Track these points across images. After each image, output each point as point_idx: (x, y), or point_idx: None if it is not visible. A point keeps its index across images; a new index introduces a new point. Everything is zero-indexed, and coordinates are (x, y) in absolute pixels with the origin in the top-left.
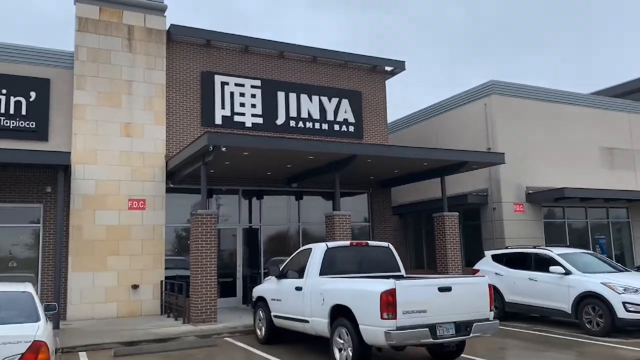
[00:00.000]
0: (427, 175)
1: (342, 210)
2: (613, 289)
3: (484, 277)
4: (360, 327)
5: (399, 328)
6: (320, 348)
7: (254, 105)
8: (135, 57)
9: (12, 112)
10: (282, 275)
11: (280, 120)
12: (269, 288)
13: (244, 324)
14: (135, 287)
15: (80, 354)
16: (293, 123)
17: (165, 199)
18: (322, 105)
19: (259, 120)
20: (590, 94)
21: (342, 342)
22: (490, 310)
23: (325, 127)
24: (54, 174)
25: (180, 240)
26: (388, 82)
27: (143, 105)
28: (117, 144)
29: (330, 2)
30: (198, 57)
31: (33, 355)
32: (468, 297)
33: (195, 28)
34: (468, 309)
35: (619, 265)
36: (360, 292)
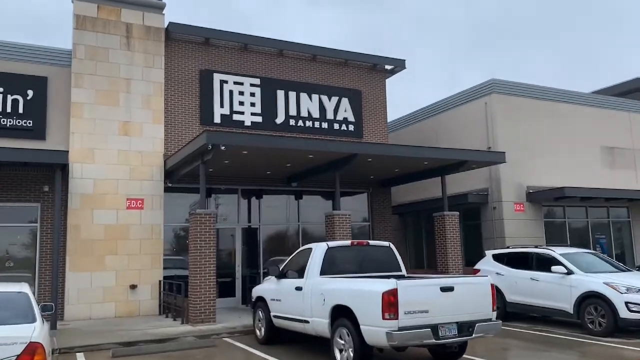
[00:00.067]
0: (427, 175)
1: (342, 210)
2: (615, 289)
3: (487, 276)
4: (362, 327)
5: (401, 328)
6: (321, 348)
7: (253, 104)
8: (134, 55)
9: (9, 110)
10: (281, 275)
11: (280, 119)
12: (269, 288)
13: (243, 324)
14: (134, 287)
15: (78, 355)
16: (293, 122)
17: (164, 199)
18: (321, 104)
19: (258, 119)
20: (591, 93)
21: (342, 342)
22: (493, 310)
23: (325, 126)
24: (52, 173)
25: (179, 240)
26: (388, 80)
27: (141, 104)
28: (115, 143)
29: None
30: (197, 55)
31: (29, 357)
32: (470, 297)
33: (194, 26)
34: (470, 309)
35: (621, 265)
36: (362, 292)
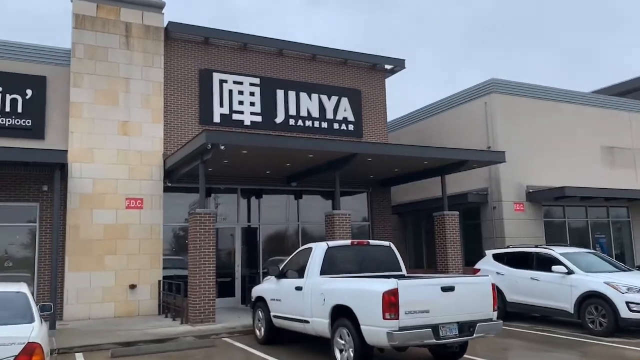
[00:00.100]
0: (427, 174)
1: (342, 210)
2: (616, 289)
3: (488, 276)
4: (362, 327)
5: (402, 328)
6: (321, 349)
7: (253, 104)
8: (133, 54)
9: (7, 110)
10: (281, 275)
11: (280, 119)
12: (269, 288)
13: (243, 324)
14: (133, 287)
15: (77, 355)
16: (292, 121)
17: (163, 198)
18: (321, 104)
19: (258, 119)
20: (591, 93)
21: (343, 342)
22: (494, 310)
23: (325, 125)
24: (51, 173)
25: (178, 240)
26: (388, 80)
27: (140, 103)
28: (114, 142)
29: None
30: (196, 54)
31: (27, 357)
32: (471, 296)
33: (194, 25)
34: (471, 309)
35: (622, 265)
36: (362, 292)
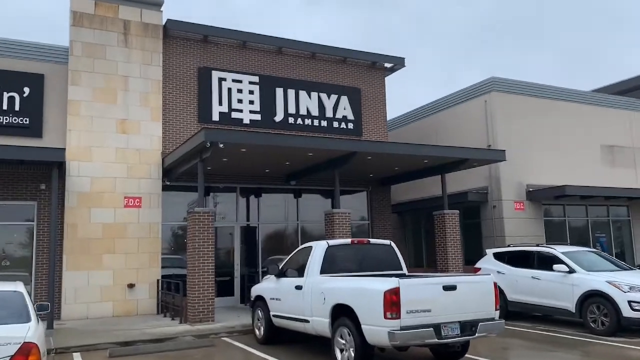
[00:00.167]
0: (427, 173)
1: (341, 208)
2: (618, 288)
3: (489, 275)
4: (363, 327)
5: (403, 328)
6: (321, 348)
7: (252, 102)
8: (131, 52)
9: (5, 108)
10: (281, 274)
11: (279, 117)
12: (268, 287)
13: (242, 324)
14: (131, 286)
15: (75, 355)
16: (292, 120)
17: (162, 197)
18: (321, 102)
19: (257, 117)
20: (591, 92)
21: (343, 342)
22: (496, 310)
23: (324, 124)
24: (48, 171)
25: (177, 239)
26: (387, 79)
27: (139, 102)
28: (112, 141)
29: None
30: (195, 52)
31: (23, 357)
32: (473, 295)
33: (193, 23)
34: (473, 308)
35: (623, 264)
36: (363, 291)
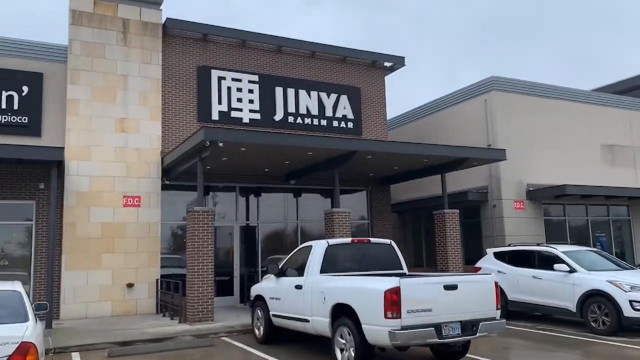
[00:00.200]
0: (427, 172)
1: (341, 208)
2: (619, 287)
3: (490, 274)
4: (363, 326)
5: (404, 328)
6: (321, 348)
7: (252, 101)
8: (131, 51)
9: (3, 106)
10: (281, 274)
11: (279, 116)
12: (268, 286)
13: (242, 323)
14: (130, 285)
15: (73, 355)
16: (291, 119)
17: (161, 196)
18: (320, 101)
19: (257, 116)
20: (591, 91)
21: (344, 342)
22: (497, 309)
23: (324, 123)
24: (47, 170)
25: (176, 239)
26: (387, 78)
27: (138, 100)
28: (111, 140)
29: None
30: (194, 51)
31: (21, 357)
32: (474, 295)
33: (192, 22)
34: (474, 308)
35: (624, 263)
36: (363, 290)
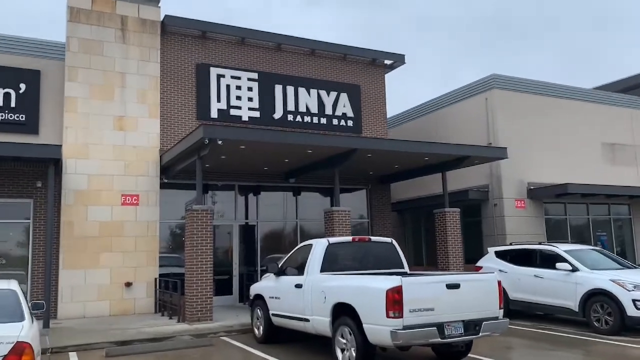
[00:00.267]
0: (427, 171)
1: (341, 206)
2: (623, 286)
3: (493, 273)
4: (365, 326)
5: (406, 327)
6: (321, 348)
7: (251, 99)
8: (129, 48)
9: (0, 104)
10: (281, 272)
11: (278, 114)
12: (267, 285)
13: (241, 323)
14: (129, 284)
15: (71, 354)
16: (291, 117)
17: (159, 195)
18: (320, 99)
19: (256, 114)
20: (592, 89)
21: (344, 341)
22: (500, 308)
23: (324, 121)
24: (45, 168)
25: (175, 238)
26: (387, 76)
27: (137, 98)
28: (109, 138)
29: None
30: (193, 48)
31: (16, 357)
32: (477, 294)
33: (191, 19)
34: (477, 307)
35: (627, 262)
36: (365, 289)
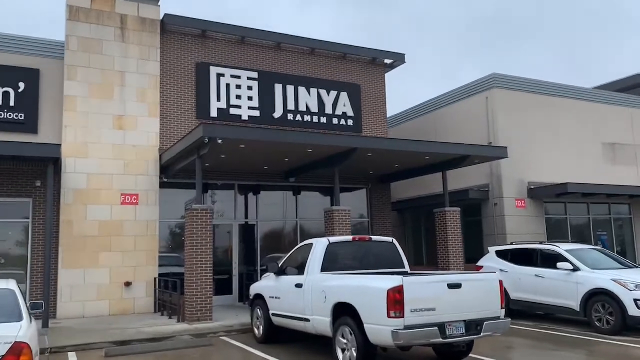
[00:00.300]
0: (427, 170)
1: (341, 206)
2: (624, 286)
3: (495, 272)
4: (365, 326)
5: (407, 327)
6: (321, 348)
7: (251, 98)
8: (128, 47)
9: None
10: (281, 272)
11: (278, 113)
12: (267, 285)
13: (241, 323)
14: (128, 284)
15: (70, 354)
16: (290, 116)
17: (159, 194)
18: (320, 98)
19: (256, 113)
20: (593, 88)
21: (345, 341)
22: (502, 308)
23: (324, 120)
24: (44, 167)
25: (174, 237)
26: (387, 75)
27: (136, 97)
28: (109, 137)
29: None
30: (193, 47)
31: (14, 358)
32: (478, 294)
33: (190, 18)
34: (478, 307)
35: (628, 261)
36: (365, 289)
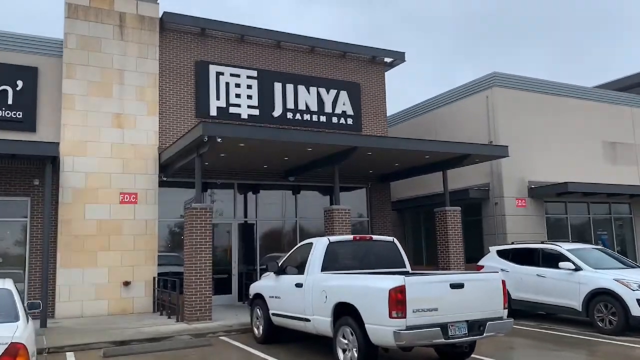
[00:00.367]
0: (428, 169)
1: (341, 205)
2: (627, 286)
3: (497, 272)
4: (367, 326)
5: (409, 328)
6: (322, 348)
7: (250, 97)
8: (127, 45)
9: None
10: (281, 272)
11: (277, 112)
12: (267, 285)
13: (241, 322)
14: (127, 284)
15: (68, 354)
16: (290, 115)
17: (158, 193)
18: (320, 97)
19: (255, 112)
20: (593, 88)
21: (346, 342)
22: (504, 308)
23: (324, 119)
24: (42, 166)
25: (174, 236)
26: (387, 74)
27: (135, 96)
28: (108, 136)
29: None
30: (192, 46)
31: (10, 359)
32: (481, 294)
33: (190, 16)
34: (481, 307)
35: (630, 261)
36: (367, 289)
